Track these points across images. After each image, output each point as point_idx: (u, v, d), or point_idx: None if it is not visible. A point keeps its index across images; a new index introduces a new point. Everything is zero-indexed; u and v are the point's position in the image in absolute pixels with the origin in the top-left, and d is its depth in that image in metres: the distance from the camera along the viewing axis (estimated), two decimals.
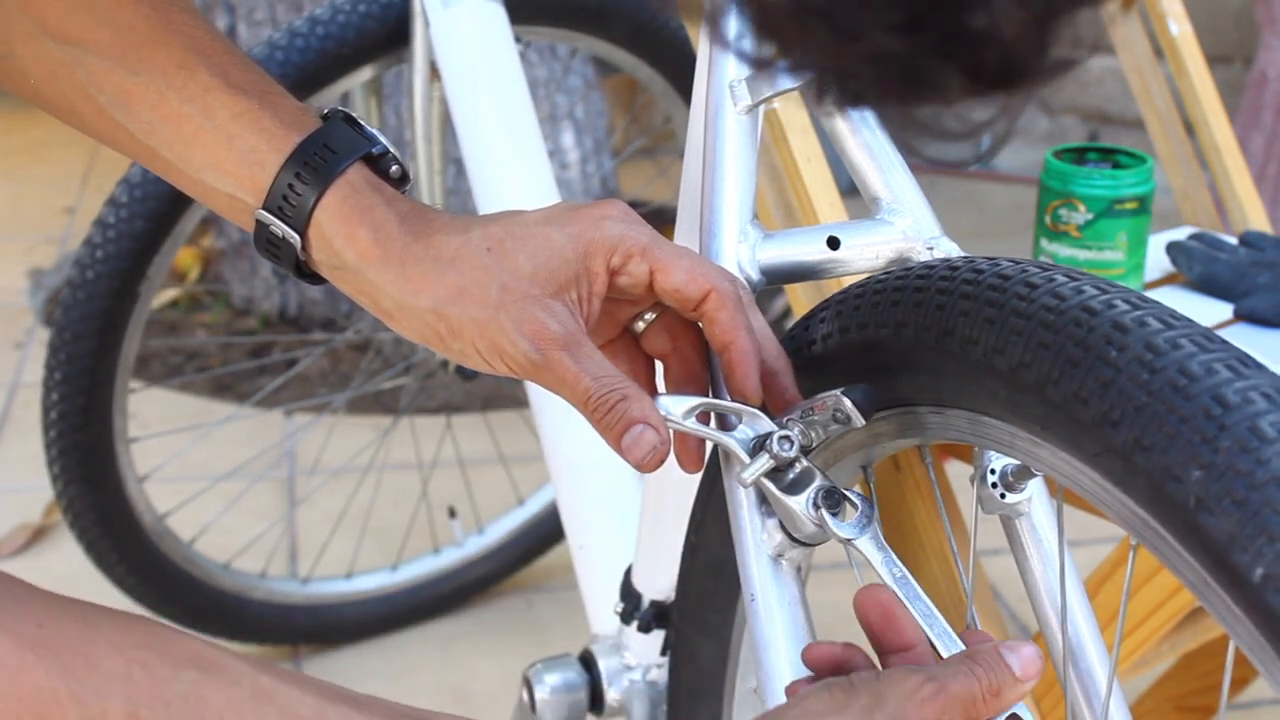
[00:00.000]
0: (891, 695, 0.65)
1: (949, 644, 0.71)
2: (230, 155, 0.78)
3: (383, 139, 0.79)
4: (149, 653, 0.58)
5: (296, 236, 0.77)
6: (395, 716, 0.62)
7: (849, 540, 0.74)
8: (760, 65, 0.48)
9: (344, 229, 0.77)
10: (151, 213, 1.50)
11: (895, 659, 0.68)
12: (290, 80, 1.46)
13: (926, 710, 0.64)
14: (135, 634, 0.59)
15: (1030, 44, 0.44)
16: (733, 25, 0.46)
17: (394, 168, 0.80)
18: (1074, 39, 0.44)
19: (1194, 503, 0.56)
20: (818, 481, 0.75)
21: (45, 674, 0.56)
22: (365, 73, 1.53)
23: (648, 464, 0.72)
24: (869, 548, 0.74)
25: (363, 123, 0.79)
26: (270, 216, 0.77)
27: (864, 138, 0.86)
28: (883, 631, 0.69)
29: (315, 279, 0.81)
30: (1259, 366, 0.59)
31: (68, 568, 1.92)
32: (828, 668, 0.69)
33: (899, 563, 0.72)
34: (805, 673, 0.70)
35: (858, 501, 0.75)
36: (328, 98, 1.51)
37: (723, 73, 0.88)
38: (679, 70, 1.70)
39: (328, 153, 0.77)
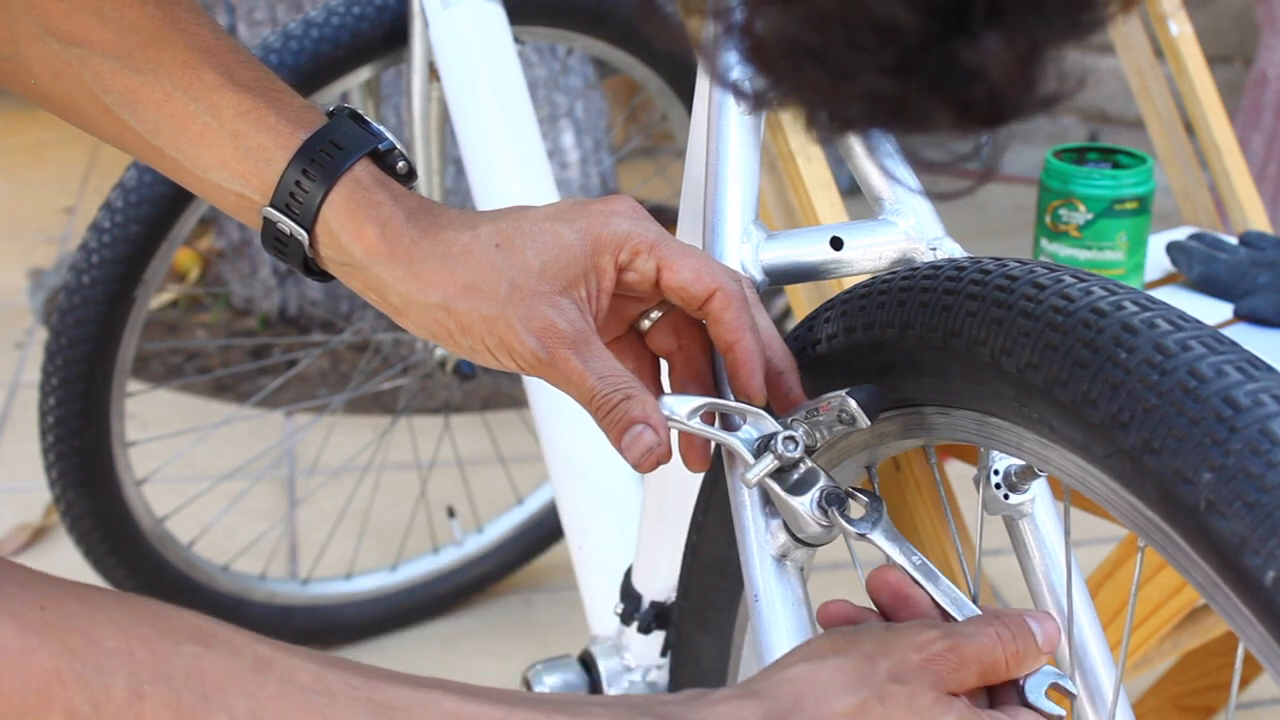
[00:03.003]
0: (899, 644, 0.64)
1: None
2: (237, 153, 0.77)
3: (389, 135, 0.79)
4: (149, 629, 0.58)
5: (304, 233, 0.77)
6: (390, 680, 0.62)
7: (862, 535, 0.73)
8: (752, 99, 0.48)
9: (351, 225, 0.76)
10: (146, 217, 1.49)
11: None
12: (285, 82, 1.46)
13: (939, 665, 0.63)
14: (135, 611, 0.59)
15: (1017, 82, 0.45)
16: (726, 60, 0.47)
17: (400, 164, 0.80)
18: (1060, 75, 0.45)
19: (1204, 505, 0.56)
20: (822, 482, 0.75)
21: (49, 655, 0.56)
22: (362, 74, 1.53)
23: (644, 464, 0.72)
24: (882, 540, 0.73)
25: (368, 119, 0.79)
26: (277, 214, 0.77)
27: (867, 139, 0.86)
28: (895, 611, 0.69)
29: (323, 276, 0.81)
30: (1269, 368, 0.59)
31: (68, 568, 1.91)
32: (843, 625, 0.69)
33: (915, 550, 0.72)
34: None
35: (863, 497, 0.75)
36: (324, 100, 1.51)
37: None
38: (675, 69, 1.70)
39: (334, 149, 0.77)
